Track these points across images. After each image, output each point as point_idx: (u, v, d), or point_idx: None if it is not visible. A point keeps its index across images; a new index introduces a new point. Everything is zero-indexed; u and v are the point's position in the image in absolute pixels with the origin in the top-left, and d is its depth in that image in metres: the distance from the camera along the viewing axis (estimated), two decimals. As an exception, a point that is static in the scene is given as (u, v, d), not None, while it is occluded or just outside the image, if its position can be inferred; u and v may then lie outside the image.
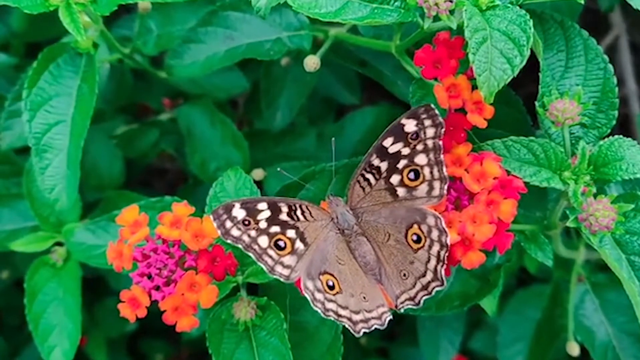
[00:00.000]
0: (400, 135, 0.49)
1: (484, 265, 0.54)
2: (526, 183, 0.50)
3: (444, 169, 0.49)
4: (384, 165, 0.50)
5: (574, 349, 0.69)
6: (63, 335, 0.67)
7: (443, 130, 0.49)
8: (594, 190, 0.50)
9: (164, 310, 0.51)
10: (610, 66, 0.54)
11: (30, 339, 0.69)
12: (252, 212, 0.49)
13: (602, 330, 0.71)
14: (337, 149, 0.56)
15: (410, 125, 0.49)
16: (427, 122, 0.49)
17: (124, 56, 0.72)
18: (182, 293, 0.51)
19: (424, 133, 0.49)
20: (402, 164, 0.49)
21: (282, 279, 0.50)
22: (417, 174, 0.49)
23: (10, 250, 0.72)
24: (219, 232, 0.49)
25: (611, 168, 0.49)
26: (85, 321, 0.73)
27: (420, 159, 0.49)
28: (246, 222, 0.49)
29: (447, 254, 0.48)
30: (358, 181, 0.51)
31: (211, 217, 0.49)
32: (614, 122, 0.53)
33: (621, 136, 0.50)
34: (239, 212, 0.49)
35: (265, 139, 0.81)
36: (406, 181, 0.49)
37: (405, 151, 0.49)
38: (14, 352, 0.92)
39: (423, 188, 0.49)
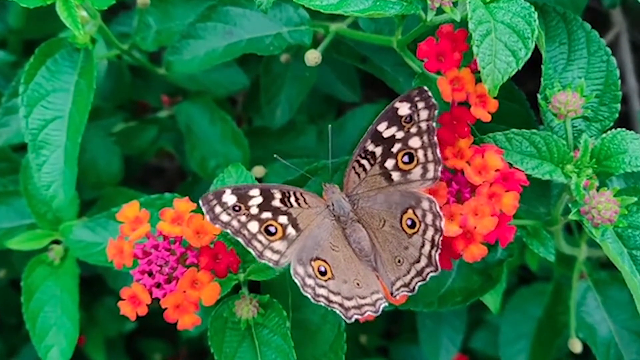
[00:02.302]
0: (394, 119, 0.49)
1: (485, 260, 0.54)
2: (529, 177, 0.49)
3: (438, 151, 0.48)
4: (378, 150, 0.50)
5: (576, 346, 0.68)
6: (61, 334, 0.66)
7: (436, 112, 0.48)
8: (597, 183, 0.49)
9: (164, 309, 0.50)
10: (613, 59, 0.54)
11: (27, 339, 0.68)
12: (243, 198, 0.49)
13: (604, 327, 0.71)
14: (337, 147, 0.56)
15: (404, 109, 0.49)
16: (421, 105, 0.48)
17: (123, 52, 0.71)
18: (184, 290, 0.50)
19: (418, 116, 0.48)
20: (396, 147, 0.49)
21: (270, 264, 0.50)
22: (412, 157, 0.49)
23: (7, 249, 0.71)
24: (207, 217, 0.49)
25: (614, 161, 0.49)
26: (83, 320, 0.72)
27: (414, 142, 0.49)
28: (237, 208, 0.49)
29: (441, 238, 0.48)
30: (353, 167, 0.51)
31: (200, 202, 0.48)
32: (617, 115, 0.53)
33: (624, 129, 0.50)
34: (229, 198, 0.49)
35: (265, 136, 0.81)
36: (401, 165, 0.49)
37: (400, 135, 0.49)
38: (11, 351, 0.92)
39: (417, 171, 0.49)
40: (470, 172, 0.48)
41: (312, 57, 0.60)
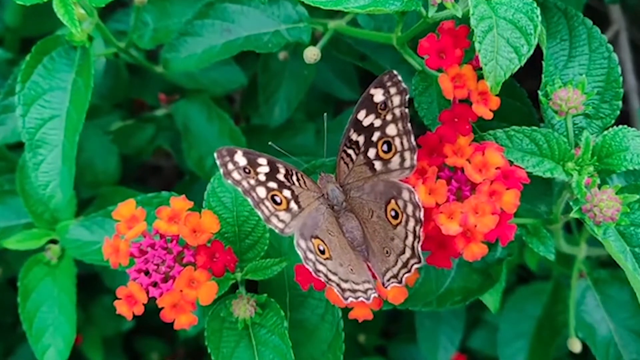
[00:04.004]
0: (371, 106, 0.49)
1: (485, 259, 0.54)
2: (529, 175, 0.49)
3: (412, 138, 0.49)
4: (361, 139, 0.50)
5: (575, 345, 0.68)
6: (57, 335, 0.65)
7: (407, 96, 0.48)
8: (598, 181, 0.49)
9: (161, 308, 0.50)
10: (614, 55, 0.53)
11: (24, 338, 0.67)
12: (252, 163, 0.49)
13: (603, 326, 0.71)
14: (335, 144, 0.55)
15: (378, 95, 0.49)
16: (393, 90, 0.48)
17: (120, 50, 0.71)
18: (181, 290, 0.50)
19: (391, 102, 0.48)
20: (376, 136, 0.49)
21: (276, 231, 0.50)
22: (390, 146, 0.49)
23: (3, 248, 0.70)
24: (220, 170, 0.49)
25: (615, 158, 0.49)
26: (80, 319, 0.71)
27: (391, 130, 0.49)
28: (247, 170, 0.49)
29: (422, 229, 0.48)
30: (342, 157, 0.51)
31: (215, 154, 0.49)
32: (618, 112, 0.53)
33: (625, 126, 0.49)
34: (241, 159, 0.49)
35: (263, 134, 0.80)
36: (381, 154, 0.50)
37: (377, 123, 0.49)
38: (8, 350, 0.91)
39: (396, 160, 0.49)
40: (471, 170, 0.48)
41: (311, 54, 0.59)
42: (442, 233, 0.48)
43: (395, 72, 0.48)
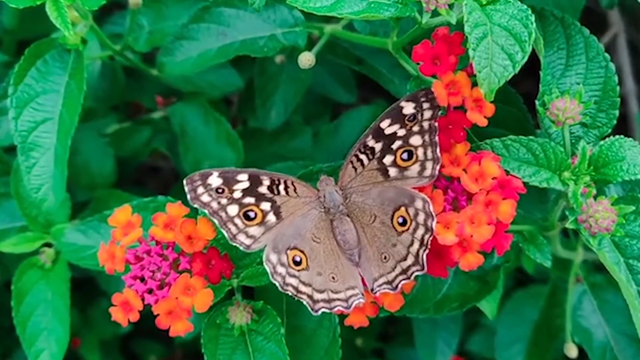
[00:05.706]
0: (398, 117, 0.49)
1: (482, 266, 0.53)
2: (525, 184, 0.49)
3: (438, 150, 0.49)
4: (378, 146, 0.50)
5: (572, 351, 0.68)
6: (51, 339, 0.65)
7: (440, 112, 0.48)
8: (594, 191, 0.49)
9: (158, 314, 0.50)
10: (611, 64, 0.53)
11: (21, 341, 0.67)
12: (229, 181, 0.49)
13: (600, 331, 0.71)
14: (332, 148, 0.55)
15: (408, 108, 0.49)
16: (426, 105, 0.49)
17: (115, 53, 0.70)
18: (176, 297, 0.49)
19: (421, 115, 0.49)
20: (396, 144, 0.49)
21: (241, 247, 0.50)
22: (411, 155, 0.49)
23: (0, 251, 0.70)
24: (188, 195, 0.49)
25: (611, 169, 0.49)
26: (78, 322, 0.71)
27: (415, 140, 0.49)
28: (220, 190, 0.49)
29: (431, 238, 0.48)
30: (351, 161, 0.51)
31: (185, 181, 0.49)
32: (615, 121, 0.53)
33: (622, 136, 0.49)
34: (214, 180, 0.49)
35: (260, 138, 0.80)
36: (399, 161, 0.50)
37: (401, 132, 0.49)
38: (5, 353, 0.91)
39: (415, 168, 0.49)
40: (467, 180, 0.48)
41: (306, 59, 0.59)
42: (438, 243, 0.48)
43: (432, 89, 0.48)
